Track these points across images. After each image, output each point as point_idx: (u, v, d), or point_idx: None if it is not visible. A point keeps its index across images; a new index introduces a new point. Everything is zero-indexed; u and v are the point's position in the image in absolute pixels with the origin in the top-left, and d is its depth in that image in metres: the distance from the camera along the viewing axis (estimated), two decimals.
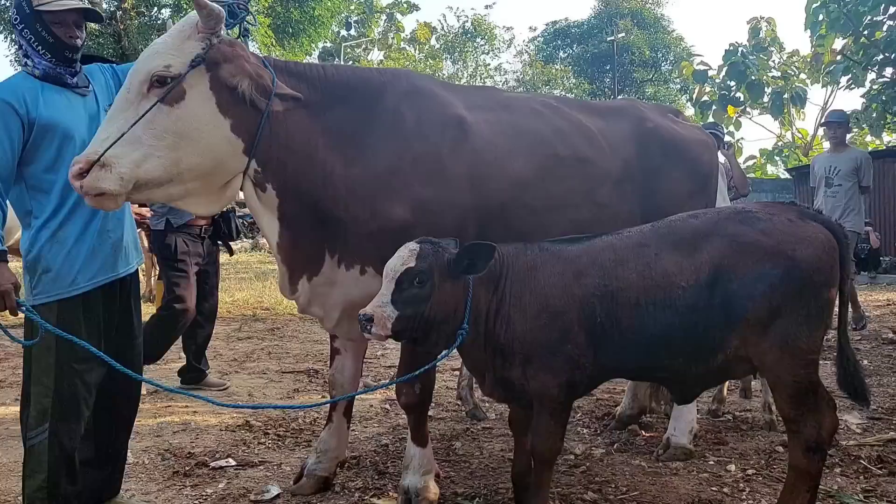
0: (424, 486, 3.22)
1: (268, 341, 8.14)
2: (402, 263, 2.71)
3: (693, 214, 2.97)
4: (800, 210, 2.91)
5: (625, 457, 4.12)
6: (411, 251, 2.75)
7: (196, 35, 2.83)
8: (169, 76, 2.76)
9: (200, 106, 2.82)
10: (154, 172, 2.74)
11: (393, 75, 3.34)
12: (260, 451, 4.22)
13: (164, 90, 2.75)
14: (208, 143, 2.84)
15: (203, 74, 2.82)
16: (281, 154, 2.99)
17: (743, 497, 3.52)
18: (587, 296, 2.77)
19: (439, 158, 3.11)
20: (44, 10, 2.87)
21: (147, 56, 2.82)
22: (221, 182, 2.99)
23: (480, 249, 2.72)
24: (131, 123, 2.70)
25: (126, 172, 2.67)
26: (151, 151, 2.72)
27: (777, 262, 2.69)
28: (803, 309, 2.71)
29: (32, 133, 2.84)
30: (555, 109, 3.55)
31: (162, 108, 2.74)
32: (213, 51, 2.84)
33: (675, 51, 37.00)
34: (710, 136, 4.26)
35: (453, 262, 2.74)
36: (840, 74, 12.24)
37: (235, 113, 2.88)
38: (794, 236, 2.74)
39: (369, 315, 2.68)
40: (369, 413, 5.07)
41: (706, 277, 2.72)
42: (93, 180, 2.64)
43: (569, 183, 3.37)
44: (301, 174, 3.03)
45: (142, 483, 3.70)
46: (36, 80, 2.92)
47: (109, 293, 3.04)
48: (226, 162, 2.92)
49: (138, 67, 2.81)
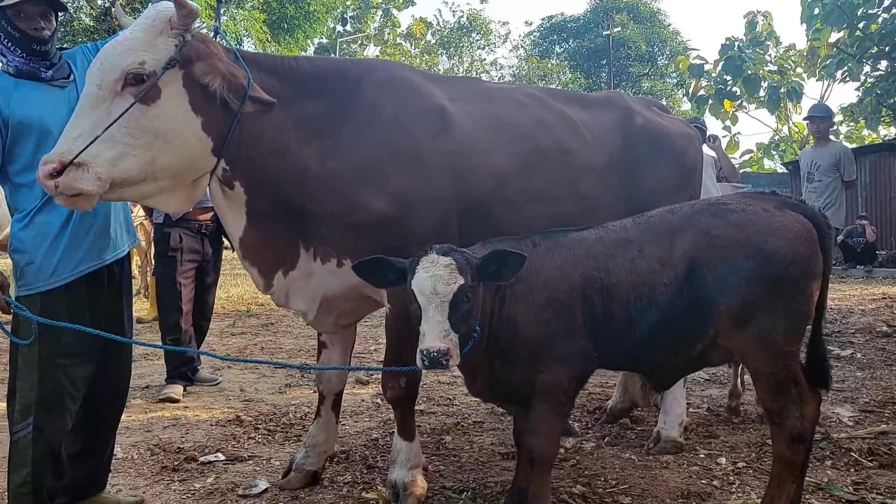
0: (412, 480, 3.20)
1: (261, 336, 8.14)
2: (447, 283, 2.50)
3: (670, 209, 2.95)
4: (779, 200, 2.88)
5: (615, 450, 4.11)
6: (448, 266, 2.53)
7: (169, 31, 2.76)
8: (144, 74, 2.69)
9: (175, 105, 2.76)
10: (130, 172, 2.69)
11: (369, 66, 3.30)
12: (250, 446, 4.21)
13: (141, 89, 2.68)
14: (182, 141, 2.79)
15: (177, 71, 2.76)
16: (251, 152, 2.94)
17: (733, 490, 3.51)
18: (587, 286, 2.75)
19: (419, 150, 3.07)
20: (5, 6, 2.86)
21: (118, 52, 2.71)
22: (190, 180, 2.94)
23: (508, 258, 2.59)
24: (106, 122, 2.63)
25: (103, 172, 2.62)
26: (127, 150, 2.67)
27: (749, 255, 2.67)
28: (779, 301, 2.68)
29: (8, 132, 2.83)
30: (538, 100, 3.52)
31: (138, 106, 2.68)
32: (187, 48, 2.78)
33: (671, 45, 36.97)
34: (694, 129, 4.24)
35: (479, 269, 2.61)
36: (835, 68, 12.23)
37: (206, 111, 2.82)
38: (767, 227, 2.71)
39: (444, 349, 2.42)
40: (360, 408, 5.06)
41: (683, 272, 2.71)
42: (70, 181, 2.57)
43: (552, 175, 3.35)
44: (273, 170, 2.98)
45: (130, 478, 3.69)
46: (10, 77, 2.90)
47: (95, 282, 3.02)
48: (196, 161, 2.87)
49: (110, 63, 2.70)
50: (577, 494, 3.36)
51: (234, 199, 3.02)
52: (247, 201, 3.01)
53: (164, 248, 5.41)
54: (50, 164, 2.57)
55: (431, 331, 2.46)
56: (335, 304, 3.29)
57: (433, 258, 2.55)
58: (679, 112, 36.34)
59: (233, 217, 3.07)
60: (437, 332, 2.46)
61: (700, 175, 4.07)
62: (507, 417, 4.52)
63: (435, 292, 2.49)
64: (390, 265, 2.65)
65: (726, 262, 2.68)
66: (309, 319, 3.34)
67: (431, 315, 2.48)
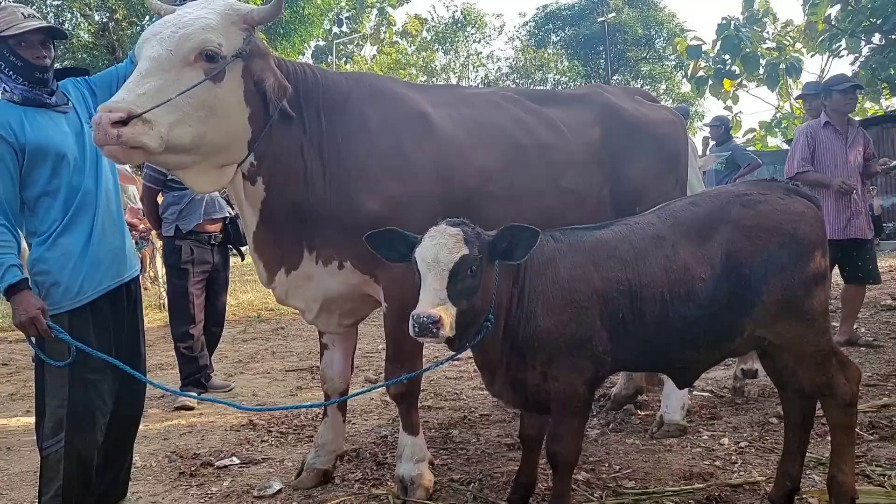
0: (419, 474, 3.31)
1: (272, 341, 8.25)
2: (451, 251, 2.42)
3: (692, 201, 2.95)
4: (784, 187, 2.96)
5: (619, 436, 4.20)
6: (454, 236, 2.46)
7: (241, 24, 2.93)
8: (219, 55, 2.83)
9: (233, 91, 2.93)
10: (182, 139, 2.79)
11: (356, 79, 3.46)
12: (263, 449, 4.32)
13: (213, 67, 2.81)
14: (232, 125, 2.95)
15: (239, 63, 2.93)
16: (276, 151, 3.11)
17: (735, 469, 3.59)
18: (609, 290, 2.69)
19: (406, 153, 3.23)
20: (7, 35, 2.93)
21: (196, 27, 2.82)
22: (222, 164, 3.07)
23: (522, 233, 2.51)
24: (174, 87, 2.72)
25: (164, 133, 2.71)
26: (186, 119, 2.78)
27: (782, 242, 2.74)
28: (811, 282, 2.77)
29: (25, 159, 2.90)
30: (515, 101, 3.65)
31: (207, 82, 2.81)
32: (252, 44, 2.96)
33: (667, 27, 36.77)
34: (679, 115, 4.30)
35: (491, 246, 2.54)
36: (830, 43, 12.19)
37: (253, 104, 3.00)
38: (793, 213, 2.80)
39: (435, 316, 2.33)
40: (369, 406, 5.16)
41: (720, 266, 2.72)
42: (136, 133, 2.62)
43: (533, 171, 3.46)
44: (288, 171, 3.15)
45: (149, 485, 3.80)
46: (17, 105, 2.96)
47: (115, 299, 3.14)
48: (234, 147, 3.02)
49: (187, 34, 2.79)
50: (581, 481, 3.44)
51: (252, 196, 3.16)
52: (263, 199, 3.16)
53: (176, 261, 5.53)
54: (116, 112, 2.59)
55: (426, 297, 2.40)
56: (337, 304, 3.42)
57: (441, 228, 2.51)
58: (679, 94, 36.23)
59: (249, 212, 3.21)
60: (431, 299, 2.39)
61: (685, 159, 4.15)
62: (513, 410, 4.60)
63: (436, 260, 2.43)
64: (403, 237, 2.62)
65: (763, 252, 2.72)
66: (308, 318, 3.47)
67: (429, 283, 2.42)
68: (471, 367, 6.03)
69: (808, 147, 6.22)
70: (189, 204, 5.52)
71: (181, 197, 5.50)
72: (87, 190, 3.04)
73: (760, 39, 22.37)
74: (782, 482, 3.00)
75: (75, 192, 3.00)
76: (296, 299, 3.38)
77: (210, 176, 3.08)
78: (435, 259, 2.43)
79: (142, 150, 2.68)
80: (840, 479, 2.82)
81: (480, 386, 5.50)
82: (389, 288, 3.21)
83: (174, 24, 2.83)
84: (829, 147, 6.22)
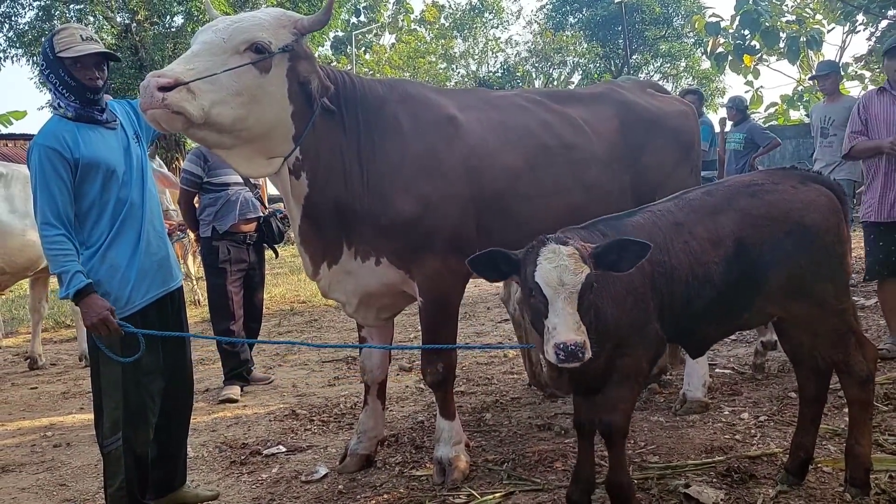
0: (456, 456, 3.55)
1: (307, 333, 8.46)
2: (574, 273, 2.42)
3: (706, 191, 3.09)
4: (800, 174, 3.11)
5: (644, 414, 4.39)
6: (572, 256, 2.45)
7: (292, 29, 3.18)
8: (267, 49, 3.07)
9: (277, 85, 3.16)
10: (222, 118, 3.00)
11: (389, 84, 3.65)
12: (307, 437, 4.56)
13: (260, 56, 3.06)
14: (273, 115, 3.17)
15: (285, 62, 3.16)
16: (319, 147, 3.33)
17: (754, 442, 3.77)
18: (654, 271, 2.80)
19: (437, 155, 3.43)
20: (65, 57, 3.12)
21: (253, 24, 3.10)
22: (265, 153, 3.28)
23: (632, 247, 2.53)
24: (223, 68, 2.96)
25: (206, 106, 2.91)
26: (228, 100, 2.99)
27: (789, 230, 2.88)
28: (823, 268, 2.93)
29: (78, 173, 3.11)
30: (539, 103, 3.84)
31: (252, 69, 3.04)
32: (299, 46, 3.20)
33: (685, 5, 36.27)
34: (690, 105, 4.45)
35: (596, 258, 2.54)
36: (844, 20, 11.99)
37: (297, 102, 3.23)
38: (801, 203, 2.93)
39: (581, 342, 2.33)
40: (405, 393, 5.39)
41: (731, 251, 2.88)
42: (179, 98, 2.83)
43: (558, 169, 3.65)
44: (329, 169, 3.36)
45: (203, 474, 4.06)
46: (70, 121, 3.15)
47: (162, 307, 3.37)
48: (276, 139, 3.24)
49: (243, 27, 3.06)
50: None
51: (297, 190, 3.38)
52: (307, 194, 3.38)
53: (214, 261, 5.75)
54: (164, 78, 2.83)
55: (564, 323, 2.36)
56: (375, 300, 3.64)
57: (554, 248, 2.46)
58: (698, 71, 35.85)
59: (294, 206, 3.43)
60: (570, 325, 2.36)
61: (699, 147, 4.32)
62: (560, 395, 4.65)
63: (562, 283, 2.40)
64: (506, 258, 2.62)
65: (769, 240, 2.88)
66: (348, 312, 3.70)
67: (561, 307, 2.39)
68: (500, 353, 6.25)
69: (860, 120, 5.70)
70: (224, 205, 5.73)
71: (217, 199, 5.72)
72: (133, 203, 3.23)
73: (780, 13, 22.07)
74: (797, 453, 3.19)
75: (122, 204, 3.20)
76: (337, 293, 3.59)
77: (255, 162, 3.31)
78: (560, 282, 2.41)
79: (183, 116, 2.88)
80: (857, 451, 3.01)
81: (511, 371, 5.74)
82: (424, 284, 3.43)
83: (230, 20, 3.13)
84: (882, 113, 5.63)
